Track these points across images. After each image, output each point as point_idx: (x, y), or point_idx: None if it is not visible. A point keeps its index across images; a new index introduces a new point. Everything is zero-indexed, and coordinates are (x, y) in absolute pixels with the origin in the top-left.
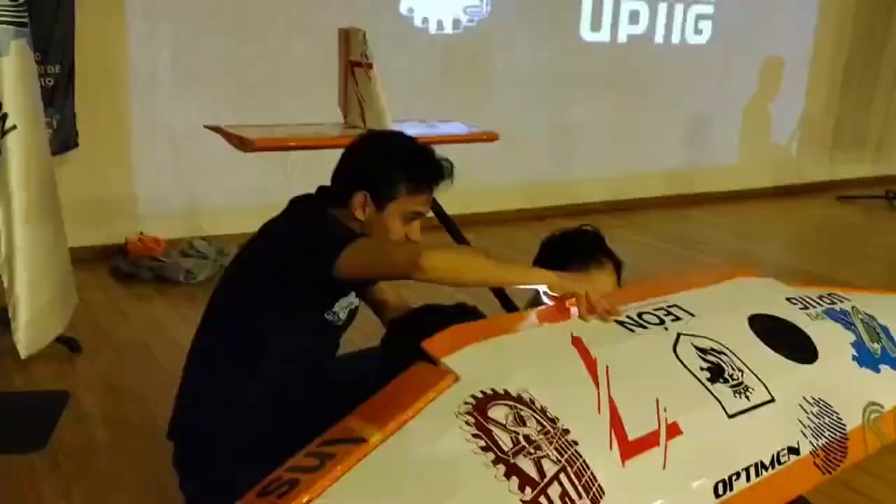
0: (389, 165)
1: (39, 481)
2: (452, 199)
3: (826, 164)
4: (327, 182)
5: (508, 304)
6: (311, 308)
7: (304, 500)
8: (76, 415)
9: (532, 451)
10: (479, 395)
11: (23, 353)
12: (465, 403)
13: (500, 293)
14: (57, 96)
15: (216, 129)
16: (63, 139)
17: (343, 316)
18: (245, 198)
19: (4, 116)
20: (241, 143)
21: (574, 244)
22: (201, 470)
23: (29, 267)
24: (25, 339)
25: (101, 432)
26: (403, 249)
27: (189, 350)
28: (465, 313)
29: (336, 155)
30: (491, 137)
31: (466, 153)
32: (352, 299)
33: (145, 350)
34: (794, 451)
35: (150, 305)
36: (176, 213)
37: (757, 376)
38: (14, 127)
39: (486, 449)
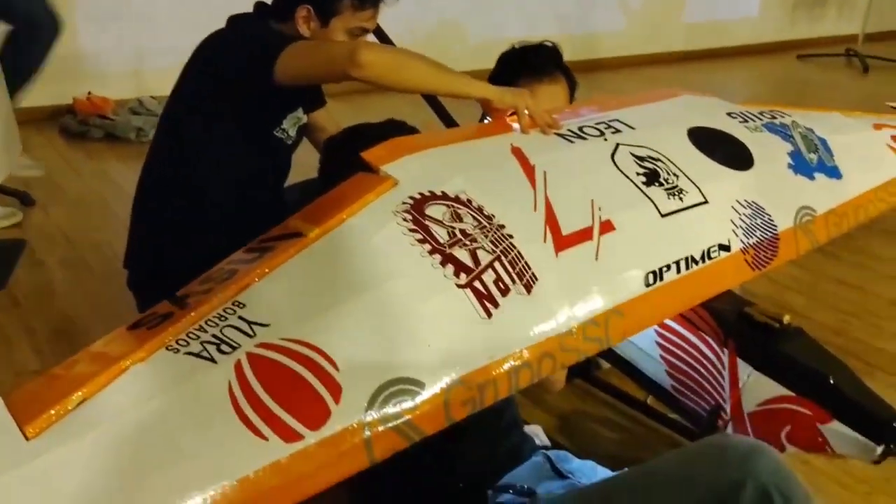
0: None
1: (0, 319)
2: None
3: (787, 23)
4: None
5: (444, 115)
6: (259, 125)
7: (243, 284)
8: (33, 260)
9: (468, 242)
10: (417, 196)
11: None
12: (403, 203)
13: (435, 103)
14: None
15: None
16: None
17: (293, 133)
18: None
19: None
20: None
21: (530, 57)
22: (157, 291)
23: None
24: None
25: (60, 275)
26: (342, 45)
27: (139, 181)
28: (400, 127)
29: None
30: None
31: None
32: (299, 115)
33: (101, 203)
34: (724, 248)
35: (103, 162)
36: (124, 72)
37: (692, 181)
38: None
39: (422, 241)
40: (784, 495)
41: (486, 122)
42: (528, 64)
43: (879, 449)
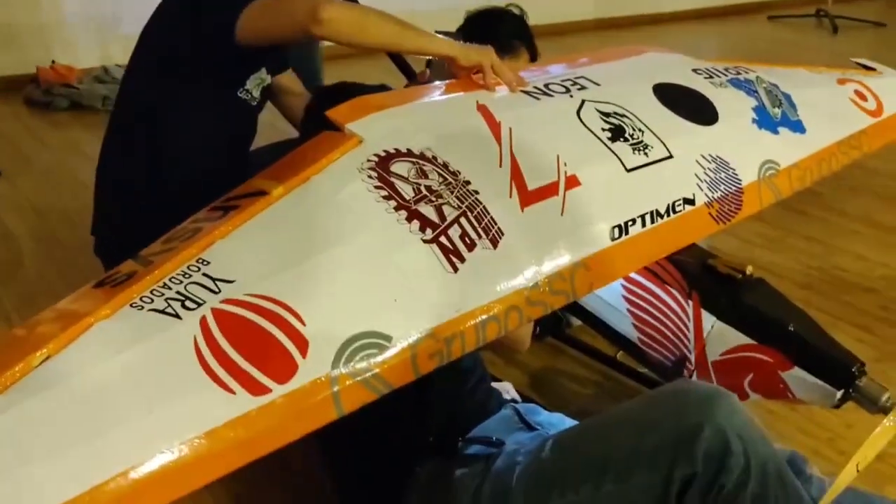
0: None
1: None
2: None
3: None
4: None
5: (409, 74)
6: (222, 86)
7: (207, 242)
8: (2, 233)
9: (433, 199)
10: (382, 154)
11: None
12: (368, 161)
13: (400, 62)
14: None
15: None
16: None
17: (257, 95)
18: None
19: None
20: None
21: (492, 28)
22: (123, 256)
23: None
24: None
25: (28, 246)
26: (303, 2)
27: (102, 145)
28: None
29: None
30: None
31: None
32: (263, 75)
33: (68, 173)
34: (689, 201)
35: (69, 132)
36: (88, 40)
37: (657, 136)
38: None
39: (387, 198)
40: (741, 437)
41: (427, 73)
42: (490, 36)
43: (839, 394)
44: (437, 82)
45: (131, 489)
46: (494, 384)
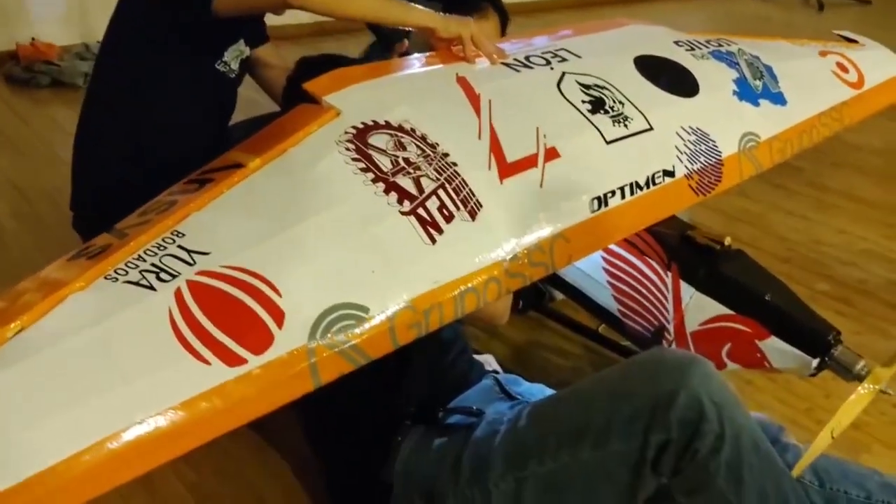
0: None
1: None
2: None
3: None
4: None
5: (389, 44)
6: (200, 57)
7: (182, 214)
8: None
9: (411, 171)
10: (360, 126)
11: None
12: (346, 133)
13: (378, 31)
14: None
15: None
16: None
17: (235, 67)
18: None
19: None
20: None
21: None
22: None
23: None
24: None
25: (9, 224)
26: None
27: (79, 120)
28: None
29: None
30: None
31: None
32: (241, 47)
33: (49, 150)
34: (669, 173)
35: (50, 109)
36: (68, 17)
37: (637, 108)
38: None
39: (365, 170)
40: (715, 402)
41: (406, 45)
42: None
43: (814, 362)
44: (417, 54)
45: (107, 458)
46: (476, 356)
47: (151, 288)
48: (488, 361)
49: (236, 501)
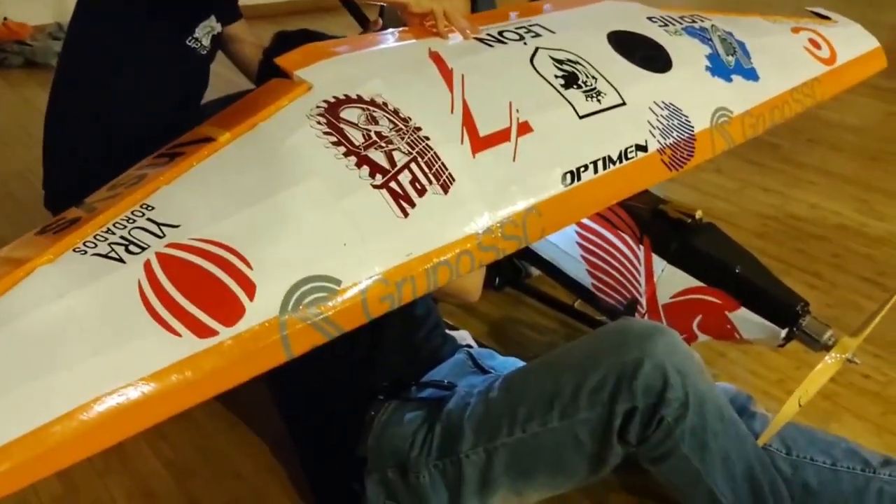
0: None
1: None
2: None
3: None
4: None
5: (363, 21)
6: (170, 33)
7: (152, 188)
8: None
9: (383, 144)
10: (332, 100)
11: None
12: (318, 107)
13: (352, 7)
14: None
15: None
16: None
17: (206, 43)
18: None
19: None
20: None
21: None
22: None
23: None
24: None
25: None
26: None
27: (49, 99)
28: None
29: None
30: None
31: None
32: (212, 23)
33: (23, 132)
34: (641, 148)
35: (23, 90)
36: None
37: (610, 83)
38: None
39: (337, 144)
40: (679, 371)
41: (379, 21)
42: None
43: (783, 332)
44: (390, 29)
45: (78, 430)
46: (452, 332)
47: (121, 260)
48: (464, 337)
49: (213, 477)
